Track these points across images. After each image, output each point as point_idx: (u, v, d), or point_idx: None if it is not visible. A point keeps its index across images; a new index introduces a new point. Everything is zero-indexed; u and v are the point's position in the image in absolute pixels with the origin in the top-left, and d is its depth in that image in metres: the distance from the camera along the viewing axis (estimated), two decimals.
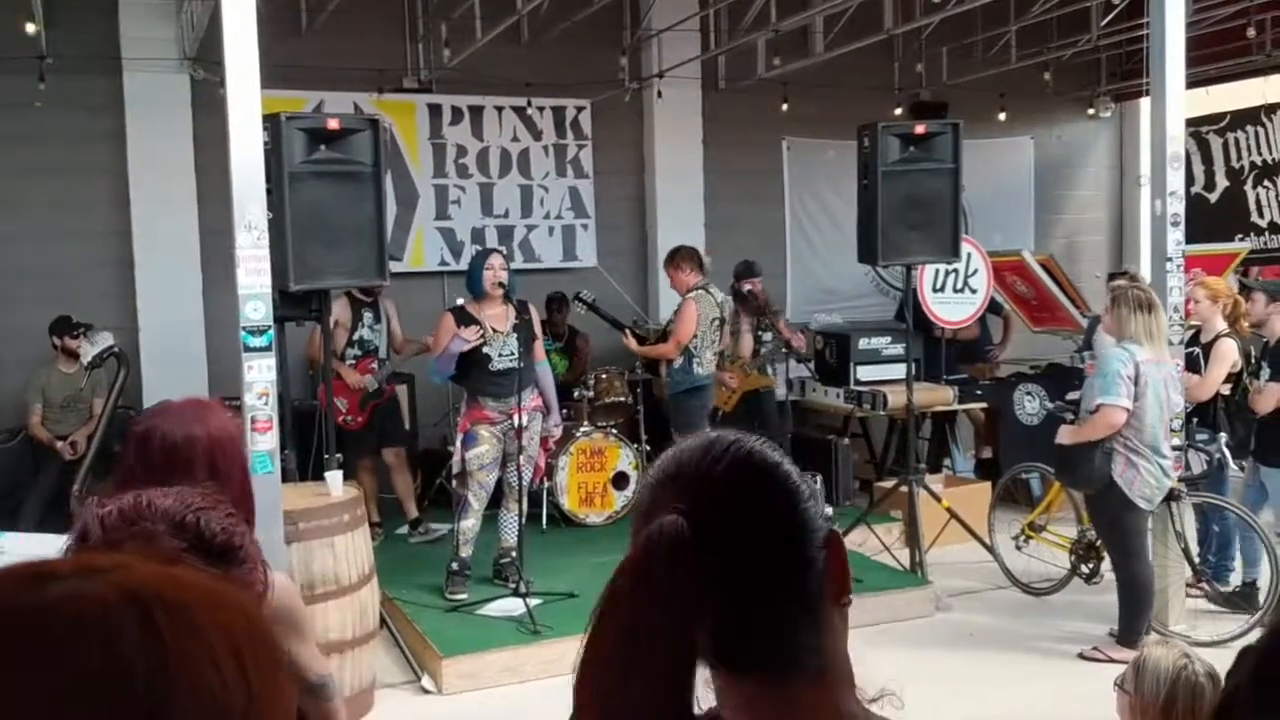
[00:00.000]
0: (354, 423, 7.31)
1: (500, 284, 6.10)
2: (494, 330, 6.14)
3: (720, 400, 7.70)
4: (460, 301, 6.40)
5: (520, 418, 6.05)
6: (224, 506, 1.40)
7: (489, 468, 6.18)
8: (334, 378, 7.18)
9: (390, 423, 7.51)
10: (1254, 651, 0.85)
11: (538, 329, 6.42)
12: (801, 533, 1.04)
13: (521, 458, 6.14)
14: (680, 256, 7.37)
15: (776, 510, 1.04)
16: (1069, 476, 5.84)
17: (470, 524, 6.22)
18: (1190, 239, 6.11)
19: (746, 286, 7.86)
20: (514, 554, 6.18)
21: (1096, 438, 5.45)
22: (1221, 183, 10.42)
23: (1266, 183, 10.07)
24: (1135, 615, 5.52)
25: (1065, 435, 5.65)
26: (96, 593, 0.59)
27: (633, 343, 7.58)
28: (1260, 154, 10.09)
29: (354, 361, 7.35)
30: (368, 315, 7.38)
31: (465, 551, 6.23)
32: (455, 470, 6.31)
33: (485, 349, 6.12)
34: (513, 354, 6.08)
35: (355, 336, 7.35)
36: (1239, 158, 10.26)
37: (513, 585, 6.04)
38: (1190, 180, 10.29)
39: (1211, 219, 10.01)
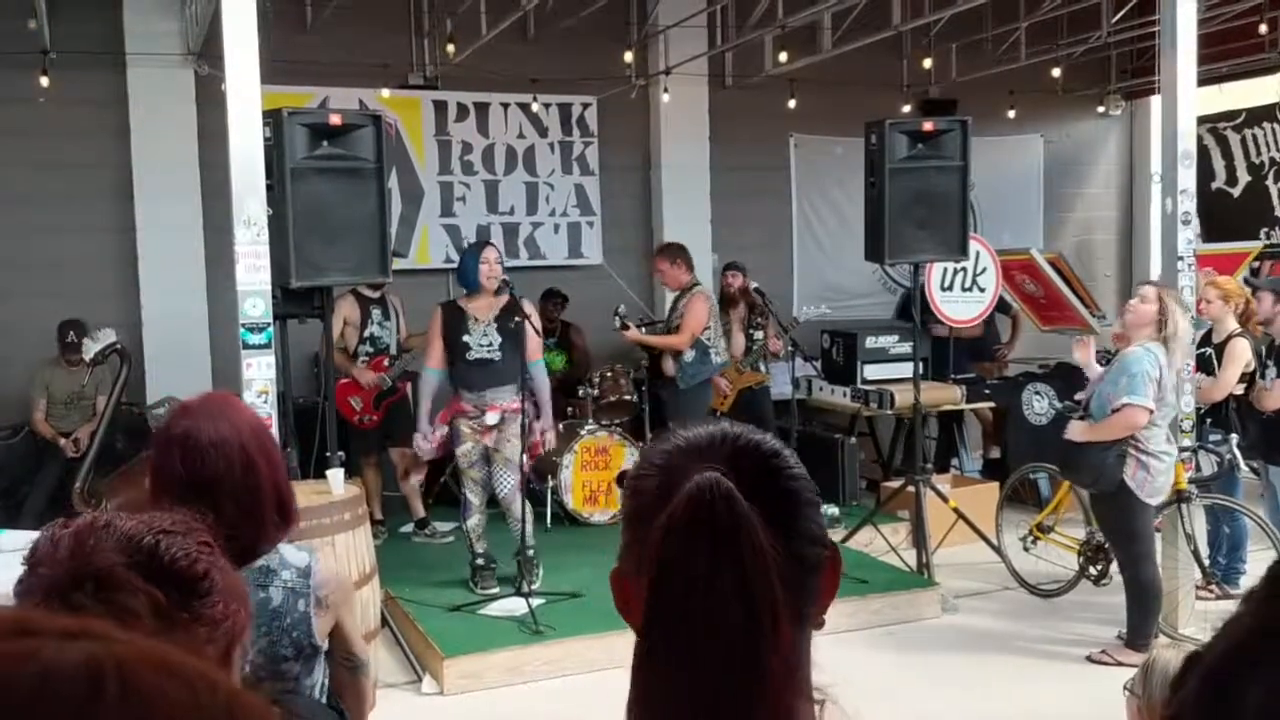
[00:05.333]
0: (370, 421, 7.30)
1: (505, 281, 6.04)
2: (476, 319, 6.08)
3: (716, 402, 7.66)
4: (452, 297, 6.33)
5: (490, 416, 5.99)
6: (199, 533, 1.34)
7: (478, 464, 6.14)
8: (347, 378, 7.18)
9: (399, 421, 7.47)
10: (1199, 666, 0.80)
11: (536, 328, 6.17)
12: (816, 515, 1.01)
13: (498, 459, 6.04)
14: (679, 253, 7.33)
15: (797, 482, 1.01)
16: (1077, 474, 5.68)
17: (475, 520, 6.20)
18: (1214, 234, 6.06)
19: (739, 284, 7.83)
20: (529, 553, 6.15)
21: (1113, 437, 5.33)
22: (1243, 178, 10.33)
23: None
24: (1144, 618, 5.46)
25: (1078, 432, 5.48)
26: (61, 658, 0.57)
27: (636, 334, 7.44)
28: (1278, 150, 10.01)
29: (366, 360, 7.32)
30: (376, 312, 7.35)
31: (480, 546, 6.22)
32: (420, 449, 6.28)
33: (465, 337, 6.06)
34: (490, 345, 6.01)
35: (366, 334, 7.33)
36: (1258, 153, 10.18)
37: (516, 584, 6.01)
38: (1211, 175, 10.22)
39: (1235, 213, 9.94)
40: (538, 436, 6.22)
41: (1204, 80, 6.28)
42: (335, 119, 5.35)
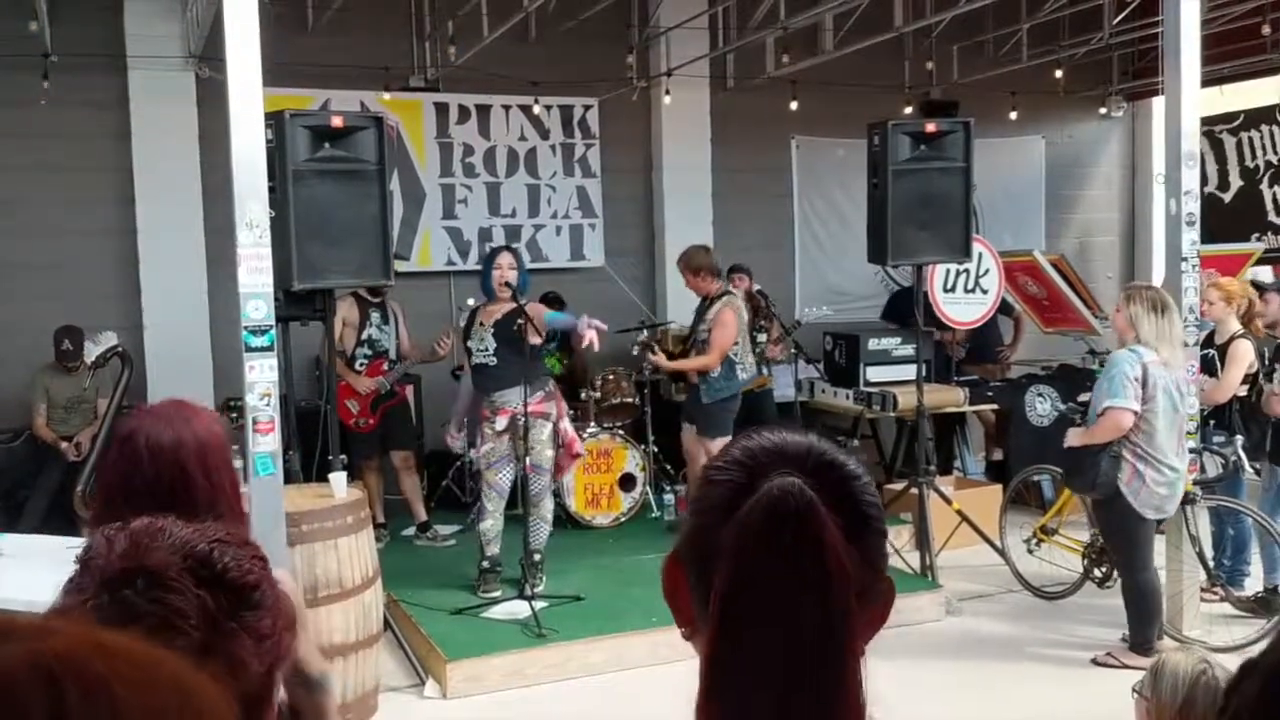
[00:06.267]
0: (366, 425, 7.28)
1: (507, 284, 6.02)
2: (481, 324, 6.12)
3: None
4: (471, 302, 6.33)
5: (499, 421, 6.00)
6: (253, 548, 1.32)
7: (497, 466, 6.12)
8: (343, 382, 7.15)
9: (398, 425, 7.46)
10: (1259, 669, 0.78)
11: (536, 327, 6.03)
12: (884, 545, 0.99)
13: (526, 461, 6.02)
14: (702, 261, 7.09)
15: (874, 510, 0.98)
16: (1075, 480, 5.69)
17: (489, 524, 6.19)
18: (1203, 239, 6.02)
19: (745, 286, 7.81)
20: (535, 556, 6.13)
21: (1103, 441, 5.34)
22: (1236, 182, 10.32)
23: None
24: (1143, 623, 5.44)
25: (1072, 438, 5.53)
26: (4, 663, 0.54)
27: (663, 361, 7.29)
28: (1275, 153, 10.00)
29: (365, 363, 7.30)
30: (375, 315, 7.33)
31: (491, 550, 6.21)
32: (476, 468, 6.32)
33: (469, 342, 6.14)
34: (486, 350, 6.04)
35: (364, 336, 7.31)
36: (1253, 157, 10.17)
37: (521, 587, 5.99)
38: (1204, 180, 10.20)
39: (1226, 218, 9.92)
40: (570, 435, 6.25)
41: (1206, 81, 6.26)
42: (337, 121, 5.34)
